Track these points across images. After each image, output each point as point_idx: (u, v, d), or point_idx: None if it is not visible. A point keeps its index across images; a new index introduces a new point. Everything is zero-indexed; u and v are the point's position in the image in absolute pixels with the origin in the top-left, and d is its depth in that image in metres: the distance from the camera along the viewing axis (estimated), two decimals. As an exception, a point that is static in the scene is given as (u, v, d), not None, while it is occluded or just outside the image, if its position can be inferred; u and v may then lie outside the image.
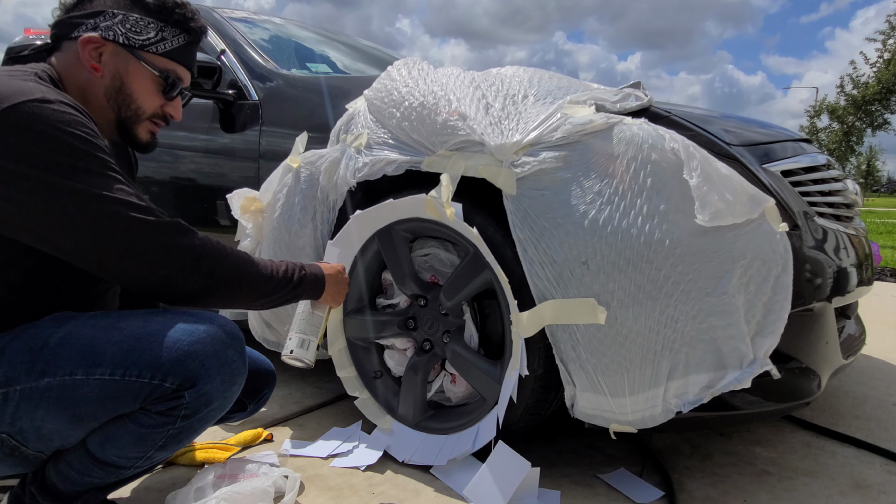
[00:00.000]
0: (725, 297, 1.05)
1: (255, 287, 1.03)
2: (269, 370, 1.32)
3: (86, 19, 1.00)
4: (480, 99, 1.24)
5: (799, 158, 1.33)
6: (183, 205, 1.99)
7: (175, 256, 0.93)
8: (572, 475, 1.35)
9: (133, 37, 1.01)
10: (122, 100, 1.04)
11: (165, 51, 1.05)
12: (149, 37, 1.02)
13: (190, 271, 0.94)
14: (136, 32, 1.01)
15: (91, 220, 0.87)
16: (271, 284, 1.06)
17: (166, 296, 0.96)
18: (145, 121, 1.08)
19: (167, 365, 0.91)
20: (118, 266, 0.91)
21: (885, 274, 4.50)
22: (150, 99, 1.06)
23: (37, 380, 0.89)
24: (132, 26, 1.01)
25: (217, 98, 1.81)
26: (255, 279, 1.03)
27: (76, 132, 0.87)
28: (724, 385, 1.07)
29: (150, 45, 1.03)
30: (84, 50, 0.99)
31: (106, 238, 0.88)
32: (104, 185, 0.88)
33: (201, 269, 0.95)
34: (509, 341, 1.25)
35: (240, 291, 1.02)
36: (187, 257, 0.94)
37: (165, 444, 0.97)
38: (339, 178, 1.42)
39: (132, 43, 1.01)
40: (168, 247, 0.92)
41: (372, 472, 1.35)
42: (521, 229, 1.14)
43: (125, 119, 1.05)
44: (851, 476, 1.37)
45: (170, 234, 0.92)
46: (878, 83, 15.40)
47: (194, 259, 0.94)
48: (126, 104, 1.04)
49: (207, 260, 0.95)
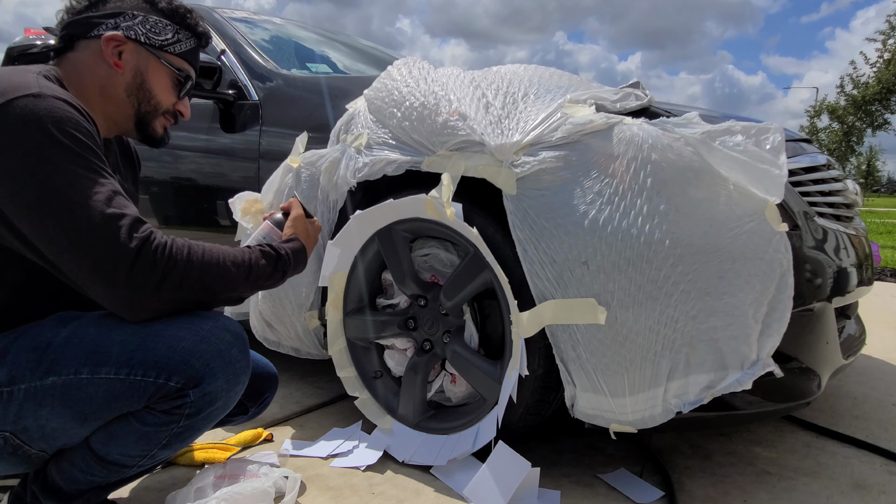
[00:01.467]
0: (726, 298, 1.05)
1: (233, 284, 0.97)
2: (272, 373, 1.32)
3: (105, 19, 1.04)
4: (480, 98, 1.24)
5: (799, 158, 1.33)
6: (183, 205, 1.99)
7: (138, 278, 0.86)
8: (572, 475, 1.35)
9: (153, 37, 1.08)
10: (143, 95, 1.09)
11: (181, 51, 1.12)
12: (167, 37, 1.09)
13: (153, 289, 0.88)
14: (155, 33, 1.08)
15: (60, 231, 0.84)
16: (252, 275, 1.00)
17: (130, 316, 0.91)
18: (160, 116, 1.13)
19: (172, 364, 0.91)
20: (86, 282, 0.87)
21: (885, 274, 4.50)
22: (167, 95, 1.12)
23: (41, 379, 0.89)
24: (152, 27, 1.07)
25: (217, 98, 1.81)
26: (229, 278, 0.96)
27: (65, 129, 0.87)
28: (725, 386, 1.07)
29: (169, 46, 1.10)
30: (107, 47, 1.03)
31: (74, 252, 0.85)
32: (81, 190, 0.85)
33: (167, 285, 0.89)
34: (509, 341, 1.25)
35: (215, 294, 0.96)
36: (151, 277, 0.87)
37: (169, 443, 0.97)
38: (339, 178, 1.42)
39: (153, 42, 1.08)
40: (131, 269, 0.85)
41: (372, 472, 1.35)
42: (522, 229, 1.14)
43: (144, 113, 1.11)
44: (851, 476, 1.37)
45: (133, 256, 0.85)
46: (878, 83, 15.41)
47: (160, 276, 0.88)
48: (146, 99, 1.10)
49: (174, 273, 0.89)
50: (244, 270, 0.99)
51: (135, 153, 1.30)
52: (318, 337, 1.60)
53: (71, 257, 0.86)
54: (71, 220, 0.84)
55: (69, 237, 0.84)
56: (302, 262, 1.13)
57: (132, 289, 0.87)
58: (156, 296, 0.89)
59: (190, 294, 0.92)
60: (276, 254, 1.06)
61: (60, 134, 0.86)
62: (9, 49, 1.21)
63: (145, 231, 0.88)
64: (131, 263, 0.85)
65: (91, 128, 0.91)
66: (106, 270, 0.85)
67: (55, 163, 0.85)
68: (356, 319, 1.52)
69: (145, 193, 1.98)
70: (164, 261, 0.88)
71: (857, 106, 16.16)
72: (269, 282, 1.05)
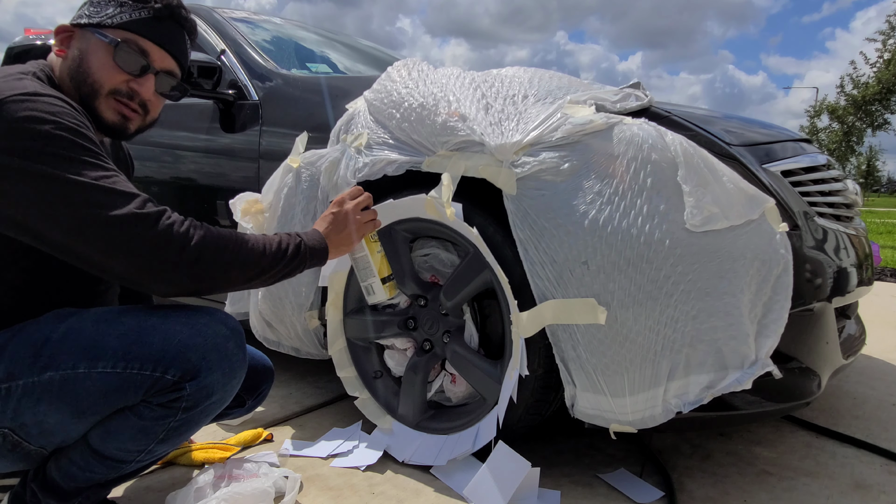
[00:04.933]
0: (726, 298, 1.05)
1: (248, 267, 0.98)
2: (268, 366, 1.33)
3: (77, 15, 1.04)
4: (480, 99, 1.24)
5: (799, 158, 1.33)
6: (183, 205, 1.99)
7: (157, 248, 0.88)
8: (572, 475, 1.35)
9: (94, 16, 1.03)
10: (80, 76, 1.01)
11: (122, 22, 1.02)
12: (107, 12, 1.03)
13: (174, 262, 0.89)
14: (96, 11, 1.03)
15: (73, 212, 0.86)
16: (265, 261, 1.01)
17: (155, 289, 0.92)
18: (107, 97, 1.03)
19: (169, 357, 0.91)
20: (102, 260, 0.88)
21: (885, 274, 4.50)
22: (108, 72, 1.02)
23: (39, 374, 0.89)
24: (94, 6, 1.03)
25: (217, 98, 1.81)
26: (247, 259, 0.98)
27: (63, 122, 0.88)
28: (725, 386, 1.07)
29: (107, 19, 1.02)
30: (56, 38, 1.03)
31: (87, 230, 0.86)
32: (87, 175, 0.87)
33: (187, 258, 0.90)
34: (509, 341, 1.25)
35: (232, 274, 0.97)
36: (171, 248, 0.89)
37: (166, 437, 0.98)
38: (339, 179, 1.42)
39: (91, 21, 1.02)
40: (149, 239, 0.88)
41: (372, 472, 1.35)
42: (522, 229, 1.14)
43: (84, 97, 1.01)
44: (851, 476, 1.37)
45: (151, 224, 0.88)
46: (878, 83, 15.42)
47: (178, 248, 0.89)
48: (83, 79, 1.01)
49: (193, 247, 0.91)
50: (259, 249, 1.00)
51: (127, 154, 1.30)
52: (318, 337, 1.60)
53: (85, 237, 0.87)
54: (82, 200, 0.86)
55: (81, 215, 0.86)
56: (320, 258, 1.13)
57: (152, 259, 0.89)
58: (177, 268, 0.90)
59: (210, 268, 0.93)
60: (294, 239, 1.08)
61: (57, 127, 0.86)
62: (9, 49, 1.21)
63: (159, 206, 0.91)
64: (148, 234, 0.88)
65: (85, 121, 0.92)
66: (123, 242, 0.87)
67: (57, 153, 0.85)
68: (356, 319, 1.52)
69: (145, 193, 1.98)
70: (183, 234, 0.90)
71: (857, 106, 16.17)
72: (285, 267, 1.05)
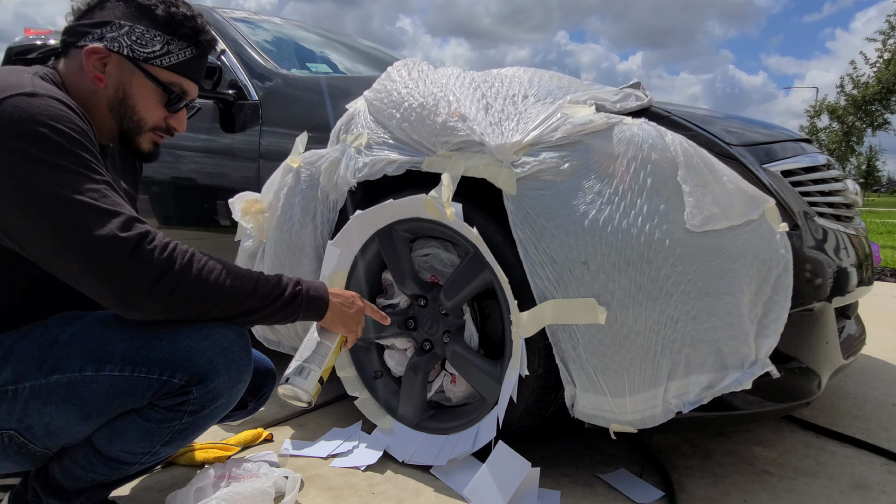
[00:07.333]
0: (726, 298, 1.05)
1: (229, 305, 0.94)
2: (270, 368, 1.33)
3: (93, 29, 0.99)
4: (480, 99, 1.24)
5: (799, 158, 1.33)
6: (183, 205, 1.99)
7: (133, 274, 0.85)
8: (572, 475, 1.35)
9: (138, 49, 1.00)
10: (125, 111, 1.03)
11: (170, 64, 1.04)
12: (154, 49, 1.01)
13: (148, 288, 0.86)
14: (141, 45, 1.00)
15: (52, 227, 0.83)
16: (250, 302, 0.96)
17: (124, 313, 0.89)
18: (147, 132, 1.07)
19: (176, 361, 0.92)
20: (79, 277, 0.86)
21: (885, 274, 4.50)
22: (153, 111, 1.05)
23: (46, 376, 0.90)
24: (138, 38, 1.00)
25: (217, 98, 1.81)
26: (230, 297, 0.93)
27: (58, 126, 0.85)
28: (725, 386, 1.07)
29: (155, 59, 1.02)
30: (88, 60, 0.99)
31: (65, 247, 0.84)
32: (73, 187, 0.84)
33: (162, 287, 0.87)
34: (509, 341, 1.25)
35: (208, 308, 0.93)
36: (147, 275, 0.86)
37: (171, 440, 0.98)
38: (339, 178, 1.42)
39: (137, 55, 1.00)
40: (126, 264, 0.84)
41: (372, 472, 1.35)
42: (522, 229, 1.14)
43: (127, 130, 1.05)
44: (851, 476, 1.37)
45: (130, 247, 0.85)
46: (878, 83, 15.40)
47: (155, 276, 0.86)
48: (128, 116, 1.03)
49: (170, 276, 0.87)
50: (248, 288, 0.95)
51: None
52: (318, 337, 1.60)
53: (63, 253, 0.84)
54: (62, 215, 0.83)
55: (60, 232, 0.83)
56: (318, 311, 1.06)
57: (125, 285, 0.85)
58: (150, 296, 0.87)
59: (185, 301, 0.90)
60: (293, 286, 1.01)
61: (52, 132, 0.85)
62: (9, 49, 1.21)
63: (142, 229, 0.87)
64: (126, 258, 0.84)
65: (85, 126, 0.91)
66: (98, 264, 0.84)
67: (47, 160, 0.84)
68: (356, 319, 1.52)
69: (145, 193, 1.98)
70: (163, 261, 0.87)
71: (857, 106, 16.16)
72: (275, 313, 0.99)
